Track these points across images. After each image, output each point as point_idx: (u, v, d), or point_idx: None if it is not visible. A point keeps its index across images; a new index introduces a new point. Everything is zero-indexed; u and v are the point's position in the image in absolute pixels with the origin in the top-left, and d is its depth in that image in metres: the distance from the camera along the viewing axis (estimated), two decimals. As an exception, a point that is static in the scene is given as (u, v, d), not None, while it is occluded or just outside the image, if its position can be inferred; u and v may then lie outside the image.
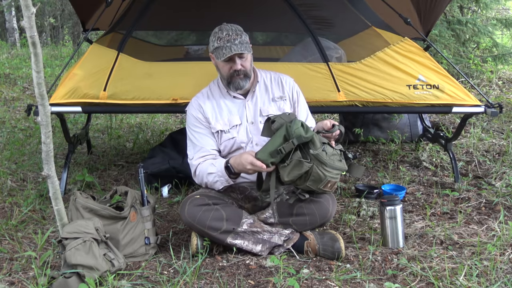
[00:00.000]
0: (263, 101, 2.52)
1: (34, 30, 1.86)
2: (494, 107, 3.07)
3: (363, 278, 2.08)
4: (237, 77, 2.42)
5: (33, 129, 4.92)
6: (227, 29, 2.39)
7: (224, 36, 2.37)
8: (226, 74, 2.43)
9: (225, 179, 2.34)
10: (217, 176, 2.35)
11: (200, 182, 2.44)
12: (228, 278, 2.10)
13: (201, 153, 2.44)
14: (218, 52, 2.37)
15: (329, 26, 3.57)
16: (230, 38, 2.36)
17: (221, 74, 2.48)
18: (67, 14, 13.98)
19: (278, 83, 2.58)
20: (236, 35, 2.37)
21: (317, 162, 2.17)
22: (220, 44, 2.36)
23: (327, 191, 2.26)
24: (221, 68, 2.45)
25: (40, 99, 2.00)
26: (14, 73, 7.76)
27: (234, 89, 2.47)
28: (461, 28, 6.32)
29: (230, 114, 2.48)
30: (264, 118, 2.44)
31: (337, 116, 5.04)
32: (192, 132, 2.49)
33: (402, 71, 3.13)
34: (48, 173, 2.10)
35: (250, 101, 2.51)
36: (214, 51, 2.41)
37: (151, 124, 5.32)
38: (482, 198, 3.03)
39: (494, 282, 2.03)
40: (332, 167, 2.19)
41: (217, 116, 2.48)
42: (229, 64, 2.40)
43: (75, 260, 1.98)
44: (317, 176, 2.18)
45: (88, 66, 3.01)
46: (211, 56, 2.48)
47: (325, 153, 2.18)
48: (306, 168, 2.16)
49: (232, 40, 2.35)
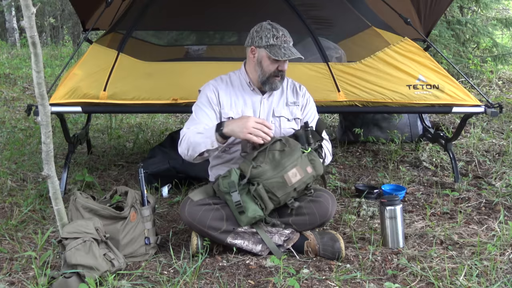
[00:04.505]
0: (277, 103, 2.54)
1: (34, 30, 1.86)
2: (494, 107, 3.07)
3: (363, 278, 2.08)
4: (276, 78, 2.44)
5: (33, 129, 4.92)
6: (281, 29, 2.41)
7: (280, 36, 2.38)
8: (270, 72, 2.42)
9: (210, 140, 2.26)
10: (203, 137, 2.28)
11: (184, 148, 2.34)
12: (228, 278, 2.10)
13: (196, 125, 2.39)
14: (275, 51, 2.36)
15: (329, 26, 3.57)
16: (287, 39, 2.39)
17: (262, 70, 2.43)
18: (67, 14, 13.98)
19: (293, 90, 2.60)
20: (289, 38, 2.41)
21: (263, 179, 2.22)
22: (277, 43, 2.37)
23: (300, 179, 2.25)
24: (266, 66, 2.41)
25: (40, 99, 1.99)
26: (14, 73, 7.75)
27: (270, 88, 2.47)
28: (461, 28, 6.32)
29: (245, 106, 2.49)
30: (276, 119, 2.49)
31: (337, 116, 5.05)
32: (198, 110, 2.46)
33: (402, 71, 3.13)
34: (48, 173, 2.10)
35: (267, 99, 2.53)
36: (267, 47, 2.37)
37: (151, 124, 5.32)
38: (482, 198, 3.04)
39: (494, 282, 2.03)
40: (279, 167, 2.22)
41: (231, 104, 2.48)
42: (277, 63, 2.40)
43: (75, 260, 1.98)
44: (276, 185, 2.22)
45: (88, 66, 3.01)
46: (253, 49, 2.42)
47: (264, 167, 2.23)
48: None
49: (288, 42, 2.39)
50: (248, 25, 2.55)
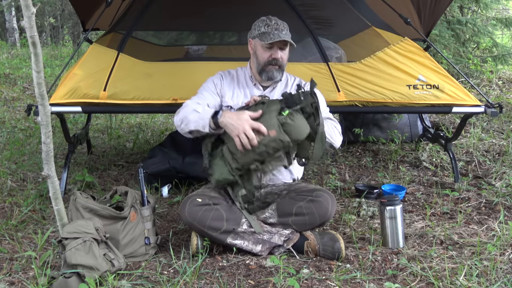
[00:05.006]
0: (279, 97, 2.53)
1: (34, 30, 1.86)
2: (494, 107, 3.07)
3: (363, 278, 2.08)
4: (272, 66, 2.47)
5: (33, 129, 4.92)
6: (275, 19, 2.48)
7: (272, 24, 2.45)
8: (264, 60, 2.47)
9: (203, 123, 2.28)
10: (198, 117, 2.30)
11: (179, 119, 2.39)
12: (228, 278, 2.10)
13: (199, 100, 2.46)
14: (265, 36, 2.42)
15: (329, 26, 3.57)
16: (279, 27, 2.45)
17: (257, 60, 2.50)
18: (67, 14, 13.98)
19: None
20: (283, 26, 2.46)
21: (228, 140, 2.24)
22: (268, 30, 2.44)
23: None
24: (260, 54, 2.48)
25: (40, 99, 1.99)
26: (14, 73, 7.76)
27: (266, 78, 2.50)
28: (461, 28, 6.32)
29: (245, 98, 2.53)
30: None
31: (337, 116, 5.05)
32: (203, 90, 2.54)
33: (402, 71, 3.13)
34: (48, 173, 2.10)
35: (268, 94, 2.56)
36: (259, 35, 2.45)
37: (151, 124, 5.32)
38: (482, 198, 3.04)
39: (494, 282, 2.03)
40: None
41: (233, 95, 2.54)
42: (270, 51, 2.45)
43: (75, 260, 1.98)
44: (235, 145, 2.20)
45: (88, 66, 3.01)
46: (250, 41, 2.53)
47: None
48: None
49: (280, 29, 2.44)
50: (248, 25, 2.56)
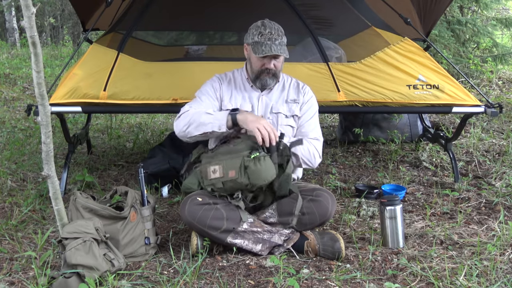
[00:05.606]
0: (276, 99, 2.57)
1: (34, 30, 1.86)
2: (494, 107, 3.07)
3: (363, 278, 2.08)
4: (266, 75, 2.48)
5: (33, 129, 4.92)
6: (270, 26, 2.43)
7: (266, 33, 2.41)
8: (257, 69, 2.48)
9: (219, 123, 2.30)
10: (213, 118, 2.33)
11: (183, 124, 2.40)
12: (228, 278, 2.10)
13: (198, 105, 2.47)
14: (257, 47, 2.41)
15: (329, 26, 3.57)
16: (272, 37, 2.40)
17: (251, 67, 2.52)
18: (67, 14, 13.97)
19: (296, 88, 2.62)
20: (277, 35, 2.41)
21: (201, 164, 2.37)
22: (261, 40, 2.40)
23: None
24: (253, 62, 2.49)
25: (40, 99, 1.99)
26: (14, 73, 7.76)
27: (260, 85, 2.52)
28: (461, 28, 6.32)
29: (244, 101, 2.54)
30: (273, 115, 2.51)
31: (337, 116, 5.05)
32: (201, 95, 2.54)
33: (402, 71, 3.13)
34: (48, 173, 2.10)
35: (266, 96, 2.57)
36: (252, 44, 2.44)
37: (151, 124, 5.32)
38: (482, 198, 3.04)
39: (494, 282, 2.03)
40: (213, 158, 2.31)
41: (231, 98, 2.55)
42: (263, 61, 2.45)
43: (75, 260, 1.98)
44: (201, 173, 2.33)
45: (88, 66, 3.01)
46: (245, 47, 2.52)
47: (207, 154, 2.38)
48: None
49: (273, 40, 2.40)
50: (247, 25, 2.56)
